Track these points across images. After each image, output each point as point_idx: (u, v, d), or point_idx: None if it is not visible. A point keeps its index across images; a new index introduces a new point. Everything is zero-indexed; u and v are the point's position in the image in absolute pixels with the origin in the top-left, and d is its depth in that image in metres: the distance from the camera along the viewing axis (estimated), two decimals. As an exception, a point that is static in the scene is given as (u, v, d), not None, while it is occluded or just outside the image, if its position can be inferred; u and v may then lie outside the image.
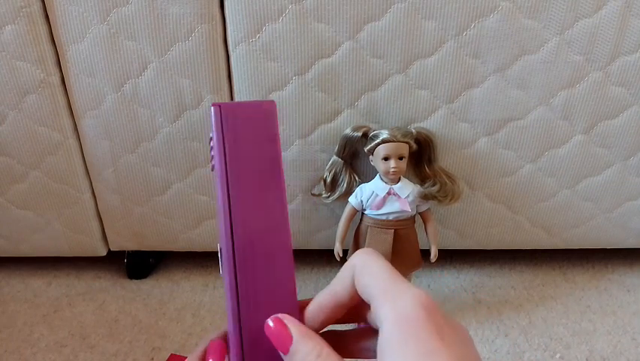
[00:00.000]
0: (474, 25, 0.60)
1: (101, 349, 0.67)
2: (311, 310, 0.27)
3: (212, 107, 0.26)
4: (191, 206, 0.74)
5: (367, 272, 0.24)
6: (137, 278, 0.83)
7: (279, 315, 0.25)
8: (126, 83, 0.64)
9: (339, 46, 0.61)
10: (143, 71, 0.63)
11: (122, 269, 0.84)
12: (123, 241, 0.78)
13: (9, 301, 0.78)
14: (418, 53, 0.62)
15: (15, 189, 0.72)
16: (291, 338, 0.24)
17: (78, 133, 0.69)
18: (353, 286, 0.25)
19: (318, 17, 0.59)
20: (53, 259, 0.87)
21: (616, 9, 0.59)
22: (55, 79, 0.64)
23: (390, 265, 0.25)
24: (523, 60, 0.62)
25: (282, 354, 0.24)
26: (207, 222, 0.75)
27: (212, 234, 0.76)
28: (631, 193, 0.72)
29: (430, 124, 0.66)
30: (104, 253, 0.80)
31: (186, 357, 0.64)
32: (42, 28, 0.61)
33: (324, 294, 0.27)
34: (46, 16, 0.61)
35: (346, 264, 0.26)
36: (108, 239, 0.78)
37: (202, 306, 0.76)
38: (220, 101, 0.65)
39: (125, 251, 0.81)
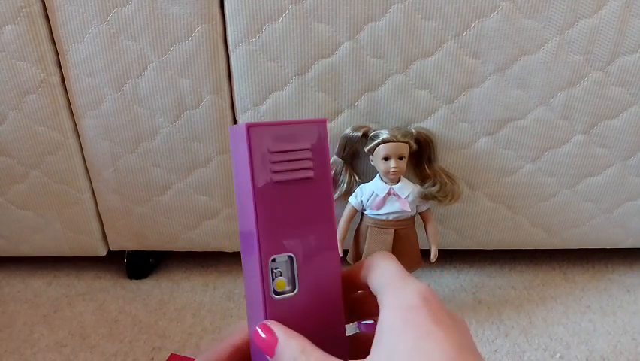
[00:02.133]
0: (474, 25, 0.60)
1: (101, 349, 0.67)
2: None
3: (323, 123, 0.28)
4: (191, 206, 0.74)
5: (379, 269, 0.27)
6: (137, 278, 0.83)
7: (266, 321, 0.27)
8: (126, 83, 0.64)
9: (339, 46, 0.61)
10: (143, 71, 0.63)
11: (122, 269, 0.84)
12: (123, 241, 0.78)
13: (9, 301, 0.78)
14: (418, 53, 0.62)
15: (15, 189, 0.72)
16: (276, 340, 0.25)
17: (78, 133, 0.69)
18: (362, 279, 0.28)
19: (318, 17, 0.59)
20: (53, 259, 0.87)
21: (616, 9, 0.59)
22: (55, 79, 0.64)
23: (401, 266, 0.27)
24: (523, 60, 0.62)
25: (268, 359, 0.26)
26: (207, 222, 0.75)
27: (211, 234, 0.76)
28: (631, 193, 0.72)
29: (430, 124, 0.66)
30: (104, 253, 0.80)
31: (186, 357, 0.64)
32: (42, 28, 0.61)
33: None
34: (46, 16, 0.61)
35: (364, 261, 0.29)
36: (108, 239, 0.78)
37: (202, 306, 0.76)
38: (222, 103, 0.65)
39: (125, 251, 0.81)
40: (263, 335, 0.26)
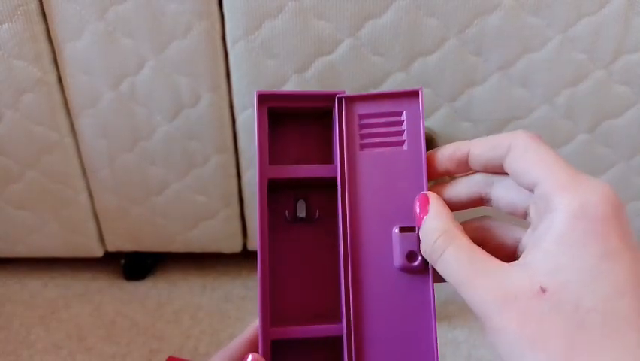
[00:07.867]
0: (476, 23, 0.59)
1: (98, 351, 0.67)
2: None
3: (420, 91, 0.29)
4: (189, 206, 0.73)
5: (536, 155, 0.23)
6: (134, 280, 0.82)
7: (427, 192, 0.28)
8: (123, 81, 0.63)
9: (340, 43, 0.60)
10: (141, 69, 0.62)
11: (119, 270, 0.83)
12: (120, 241, 0.77)
13: (5, 302, 0.77)
14: (420, 51, 0.61)
15: (11, 189, 0.72)
16: (426, 213, 0.26)
17: (75, 132, 0.68)
18: (496, 160, 0.25)
19: (318, 14, 0.59)
20: (50, 260, 0.86)
21: (620, 7, 0.58)
22: (52, 77, 0.64)
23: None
24: (526, 58, 0.61)
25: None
26: (205, 222, 0.74)
27: (209, 235, 0.76)
28: (635, 193, 0.72)
29: (432, 123, 0.65)
30: (100, 253, 0.79)
31: (184, 359, 0.64)
32: (39, 27, 0.60)
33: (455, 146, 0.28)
34: (43, 14, 0.60)
35: (500, 139, 0.25)
36: (105, 240, 0.77)
37: (200, 308, 0.75)
38: (220, 101, 0.64)
39: (122, 252, 0.80)
40: (417, 204, 0.26)
